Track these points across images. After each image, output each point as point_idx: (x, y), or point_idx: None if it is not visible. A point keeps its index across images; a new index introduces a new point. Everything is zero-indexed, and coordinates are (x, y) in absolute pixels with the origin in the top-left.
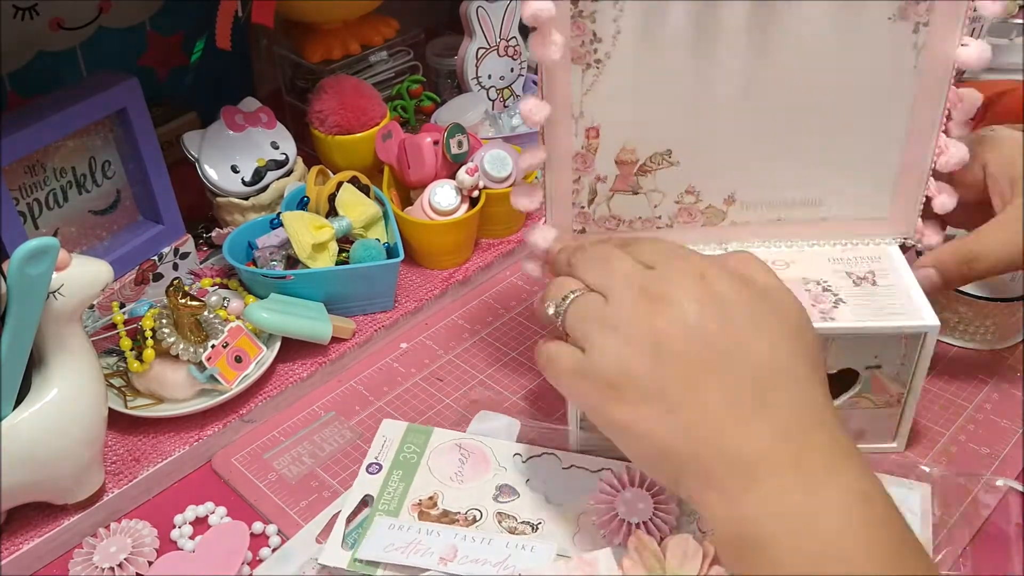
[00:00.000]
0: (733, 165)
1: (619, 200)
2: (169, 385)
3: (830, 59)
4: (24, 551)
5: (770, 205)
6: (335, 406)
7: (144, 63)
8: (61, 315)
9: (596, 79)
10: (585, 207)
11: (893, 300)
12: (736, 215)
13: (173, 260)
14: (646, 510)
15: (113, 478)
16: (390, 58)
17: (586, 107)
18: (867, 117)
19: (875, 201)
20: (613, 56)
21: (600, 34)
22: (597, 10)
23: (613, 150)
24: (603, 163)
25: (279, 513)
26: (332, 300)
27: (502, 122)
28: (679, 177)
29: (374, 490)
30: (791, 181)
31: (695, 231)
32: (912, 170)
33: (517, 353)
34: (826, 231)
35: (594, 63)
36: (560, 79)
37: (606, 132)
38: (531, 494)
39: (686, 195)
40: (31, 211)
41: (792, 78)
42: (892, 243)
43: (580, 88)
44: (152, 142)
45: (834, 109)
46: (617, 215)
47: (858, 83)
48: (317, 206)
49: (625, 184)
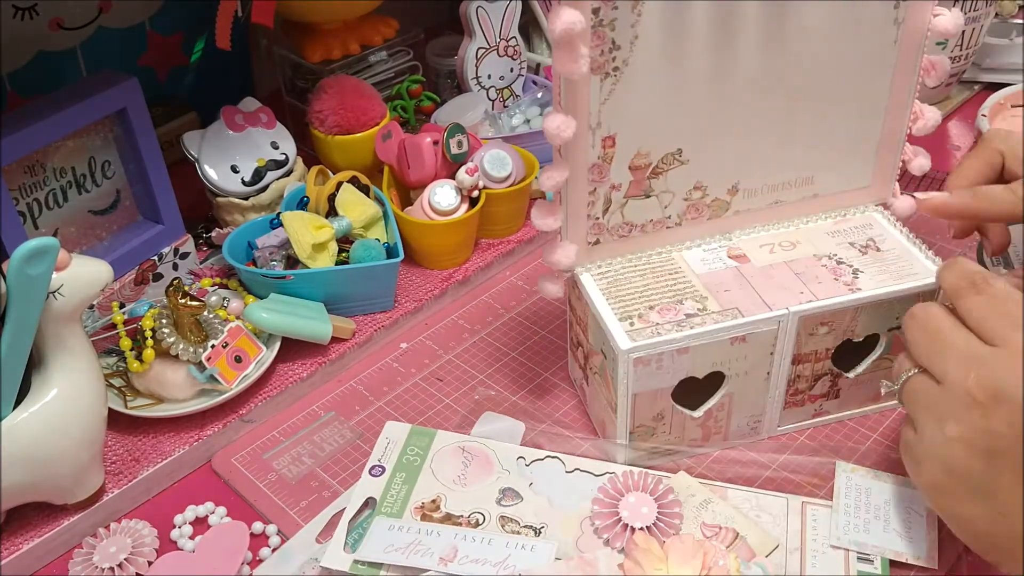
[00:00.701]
0: (736, 155)
1: (632, 206)
2: (169, 385)
3: (826, 43)
4: (24, 551)
5: (769, 189)
6: (335, 406)
7: (144, 63)
8: (61, 315)
9: (614, 87)
10: (600, 217)
11: (903, 263)
12: (739, 204)
13: (173, 260)
14: (649, 515)
15: (113, 478)
16: (390, 58)
17: (603, 117)
18: (854, 93)
19: (860, 172)
20: (630, 62)
21: (619, 41)
22: (617, 17)
23: (627, 157)
24: (618, 171)
25: (279, 513)
26: (332, 300)
27: (502, 122)
28: (688, 175)
29: (377, 492)
30: (787, 163)
31: (702, 225)
32: (891, 138)
33: (517, 353)
34: (817, 206)
35: (612, 71)
36: (581, 91)
37: (621, 139)
38: (534, 498)
39: (694, 191)
40: (31, 211)
41: (792, 65)
42: (874, 209)
43: (598, 98)
44: (152, 142)
45: (826, 90)
46: (630, 221)
47: (848, 62)
48: (317, 206)
49: (638, 189)
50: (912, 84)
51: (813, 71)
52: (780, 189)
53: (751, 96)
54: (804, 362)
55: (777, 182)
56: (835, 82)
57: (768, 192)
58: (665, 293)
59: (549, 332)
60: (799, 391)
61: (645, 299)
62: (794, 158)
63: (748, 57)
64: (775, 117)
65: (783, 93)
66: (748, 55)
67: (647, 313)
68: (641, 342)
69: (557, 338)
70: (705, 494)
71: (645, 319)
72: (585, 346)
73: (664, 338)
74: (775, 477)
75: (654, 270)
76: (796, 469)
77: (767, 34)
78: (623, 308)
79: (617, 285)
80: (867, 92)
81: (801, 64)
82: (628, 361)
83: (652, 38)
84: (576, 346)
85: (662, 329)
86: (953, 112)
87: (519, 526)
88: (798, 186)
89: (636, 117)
